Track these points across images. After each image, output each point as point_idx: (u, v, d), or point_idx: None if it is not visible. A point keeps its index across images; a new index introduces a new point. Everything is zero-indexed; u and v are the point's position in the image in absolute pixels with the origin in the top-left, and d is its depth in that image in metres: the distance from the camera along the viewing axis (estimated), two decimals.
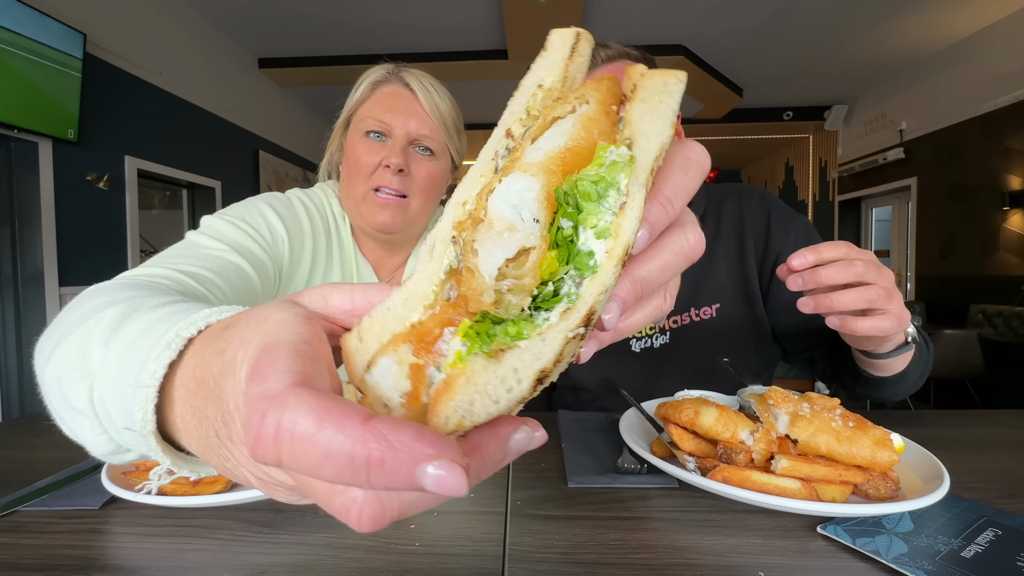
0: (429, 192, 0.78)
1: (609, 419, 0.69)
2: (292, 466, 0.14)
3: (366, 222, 0.76)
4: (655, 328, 0.87)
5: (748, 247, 0.85)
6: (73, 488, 0.50)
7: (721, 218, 0.88)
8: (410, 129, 0.74)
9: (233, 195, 4.01)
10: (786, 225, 0.85)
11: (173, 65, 3.38)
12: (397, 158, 0.72)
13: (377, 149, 0.74)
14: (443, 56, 4.42)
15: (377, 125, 0.74)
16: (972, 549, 0.37)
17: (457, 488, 0.13)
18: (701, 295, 0.86)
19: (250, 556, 0.39)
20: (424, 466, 0.13)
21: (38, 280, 2.50)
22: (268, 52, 4.34)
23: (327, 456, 0.13)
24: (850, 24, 3.97)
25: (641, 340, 0.88)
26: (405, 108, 0.74)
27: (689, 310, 0.86)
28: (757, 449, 0.46)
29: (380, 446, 0.13)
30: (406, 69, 0.77)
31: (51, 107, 2.45)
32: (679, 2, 3.65)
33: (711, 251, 0.87)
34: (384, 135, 0.74)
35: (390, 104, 0.74)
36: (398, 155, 0.73)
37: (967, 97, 4.19)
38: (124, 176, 2.96)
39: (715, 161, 8.46)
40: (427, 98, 0.75)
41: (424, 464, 0.13)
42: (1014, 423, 0.69)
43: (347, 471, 0.13)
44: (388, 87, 0.76)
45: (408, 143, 0.75)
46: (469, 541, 0.40)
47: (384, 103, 0.75)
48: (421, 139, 0.75)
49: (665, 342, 0.87)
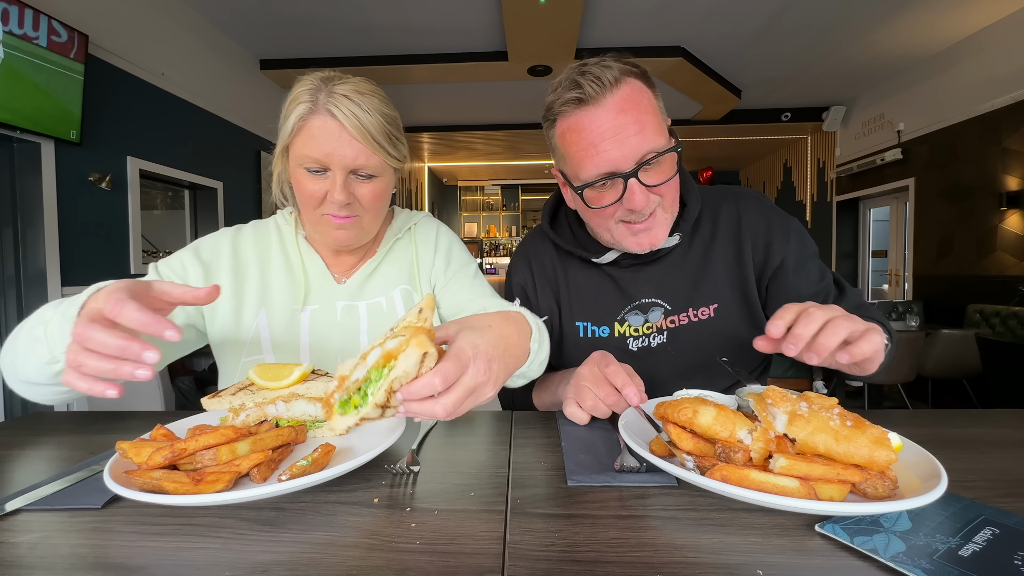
0: (378, 206, 0.82)
1: (608, 418, 0.69)
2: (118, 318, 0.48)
3: (325, 239, 0.83)
4: (652, 327, 0.88)
5: (746, 248, 0.86)
6: (75, 487, 0.50)
7: (718, 220, 0.88)
8: (346, 163, 0.75)
9: (235, 196, 4.01)
10: (785, 228, 0.86)
11: (175, 66, 3.39)
12: (340, 195, 0.75)
13: (320, 182, 0.76)
14: (443, 57, 4.43)
15: (314, 163, 0.75)
16: (970, 548, 0.37)
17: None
18: (699, 296, 0.87)
19: (252, 554, 0.39)
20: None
21: (40, 280, 2.50)
22: (270, 53, 4.35)
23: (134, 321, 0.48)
24: (848, 25, 3.98)
25: (638, 339, 0.89)
26: (336, 142, 0.73)
27: (687, 310, 0.87)
28: (755, 448, 0.46)
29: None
30: (329, 93, 0.74)
31: (53, 108, 2.45)
32: (678, 3, 3.66)
33: (708, 253, 0.87)
34: (322, 171, 0.76)
35: (321, 140, 0.73)
36: (339, 192, 0.75)
37: (965, 98, 4.20)
38: (126, 177, 2.96)
39: (714, 162, 8.49)
40: (354, 124, 0.73)
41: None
42: (1012, 422, 0.69)
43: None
44: (316, 120, 0.74)
45: (347, 174, 0.76)
46: (469, 539, 0.40)
47: (315, 139, 0.74)
48: (359, 168, 0.76)
49: (662, 341, 0.88)
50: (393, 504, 0.47)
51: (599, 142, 0.73)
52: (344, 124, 0.73)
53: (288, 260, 0.89)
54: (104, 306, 0.49)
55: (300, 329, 0.85)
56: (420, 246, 0.94)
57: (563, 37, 3.88)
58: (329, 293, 0.88)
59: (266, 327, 0.85)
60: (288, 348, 0.84)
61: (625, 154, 0.73)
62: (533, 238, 1.01)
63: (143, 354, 0.47)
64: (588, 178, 0.76)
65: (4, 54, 2.21)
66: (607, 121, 0.73)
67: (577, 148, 0.76)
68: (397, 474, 0.53)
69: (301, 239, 0.90)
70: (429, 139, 6.92)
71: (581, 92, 0.74)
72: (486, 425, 0.71)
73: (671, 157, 0.76)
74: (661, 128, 0.76)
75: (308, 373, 0.62)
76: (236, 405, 0.60)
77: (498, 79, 4.76)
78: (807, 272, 0.86)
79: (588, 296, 0.92)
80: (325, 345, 0.85)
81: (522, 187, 10.29)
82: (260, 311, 0.85)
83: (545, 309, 0.95)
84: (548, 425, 0.70)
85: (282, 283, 0.87)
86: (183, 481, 0.44)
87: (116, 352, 0.47)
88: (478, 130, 6.59)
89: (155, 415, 0.80)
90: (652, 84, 0.78)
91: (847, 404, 0.51)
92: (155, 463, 0.46)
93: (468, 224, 10.55)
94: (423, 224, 0.97)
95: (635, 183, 0.74)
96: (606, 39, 4.17)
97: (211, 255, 0.86)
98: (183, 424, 0.61)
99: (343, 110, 0.73)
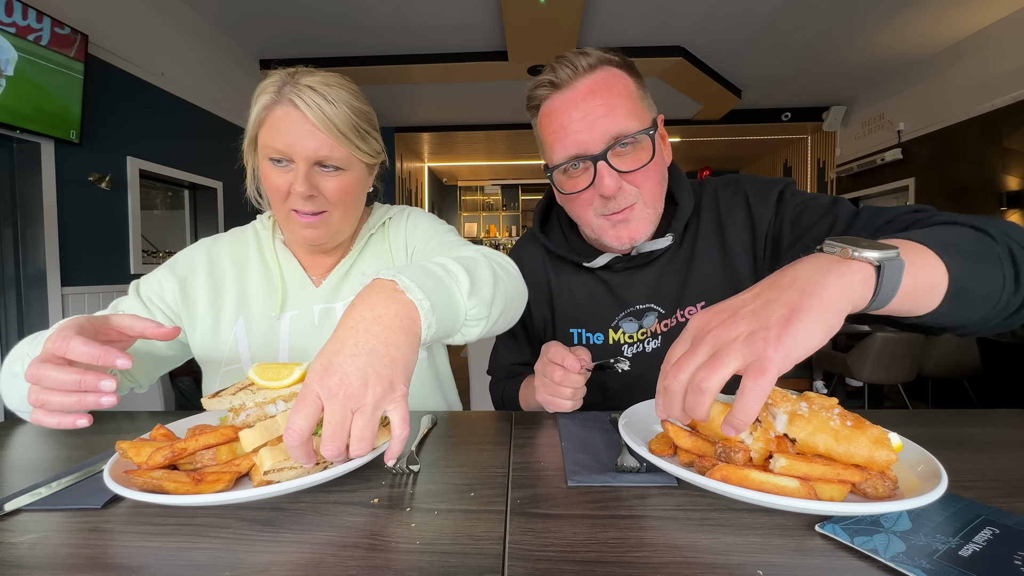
0: (347, 202, 0.79)
1: (608, 418, 0.69)
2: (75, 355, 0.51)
3: (295, 237, 0.81)
4: (647, 333, 0.87)
5: (731, 238, 0.83)
6: (75, 487, 0.50)
7: (701, 215, 0.86)
8: (308, 153, 0.73)
9: (235, 196, 4.01)
10: (764, 197, 0.80)
11: (175, 66, 3.39)
12: (301, 186, 0.73)
13: (284, 174, 0.75)
14: (443, 57, 4.43)
15: (277, 153, 0.74)
16: (970, 548, 0.37)
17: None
18: (687, 295, 0.85)
19: (252, 555, 0.39)
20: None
21: (40, 280, 2.50)
22: (270, 53, 4.35)
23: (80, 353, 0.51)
24: (848, 25, 3.98)
25: (633, 346, 0.87)
26: (299, 132, 0.72)
27: (676, 312, 0.85)
28: (755, 448, 0.46)
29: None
30: (295, 85, 0.73)
31: (54, 108, 2.45)
32: (678, 3, 3.66)
33: (692, 253, 0.85)
34: (286, 161, 0.75)
35: (284, 130, 0.73)
36: (302, 183, 0.73)
37: (965, 98, 4.20)
38: (126, 177, 2.97)
39: (714, 162, 8.49)
40: (317, 115, 0.72)
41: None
42: (1012, 422, 0.69)
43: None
44: (279, 110, 0.73)
45: (311, 166, 0.75)
46: (469, 539, 0.40)
47: (279, 129, 0.73)
48: (323, 160, 0.75)
49: (657, 346, 0.86)
50: (393, 504, 0.46)
51: (568, 124, 0.73)
52: (306, 114, 0.72)
53: (266, 265, 0.87)
54: (53, 345, 0.51)
55: (280, 336, 0.83)
56: (392, 237, 0.91)
57: (563, 37, 3.88)
58: (306, 297, 0.85)
59: (244, 336, 0.83)
60: (267, 358, 0.82)
61: (593, 136, 0.72)
62: (524, 243, 0.99)
63: (99, 384, 0.50)
64: (558, 160, 0.76)
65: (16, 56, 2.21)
66: (576, 103, 0.73)
67: (549, 131, 0.76)
68: (397, 474, 0.53)
69: (279, 243, 0.88)
70: (429, 139, 6.92)
71: (555, 76, 0.75)
72: (486, 425, 0.71)
73: (646, 144, 0.74)
74: (636, 113, 0.74)
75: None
76: (236, 405, 0.59)
77: (498, 79, 4.76)
78: (808, 215, 0.75)
79: (581, 302, 0.90)
80: (306, 353, 0.82)
81: (522, 187, 10.29)
82: (238, 320, 0.84)
83: (538, 316, 0.94)
84: (548, 425, 0.70)
85: (260, 290, 0.85)
86: (183, 481, 0.44)
87: (71, 387, 0.50)
88: (478, 130, 6.59)
89: (155, 415, 0.80)
90: (637, 75, 0.77)
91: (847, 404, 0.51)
92: (155, 463, 0.46)
93: (468, 224, 10.54)
94: (396, 215, 0.94)
95: (604, 166, 0.72)
96: (606, 39, 4.17)
97: (186, 268, 0.86)
98: (183, 424, 0.61)
99: (306, 100, 0.72)
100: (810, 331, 0.38)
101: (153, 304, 0.84)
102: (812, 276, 0.41)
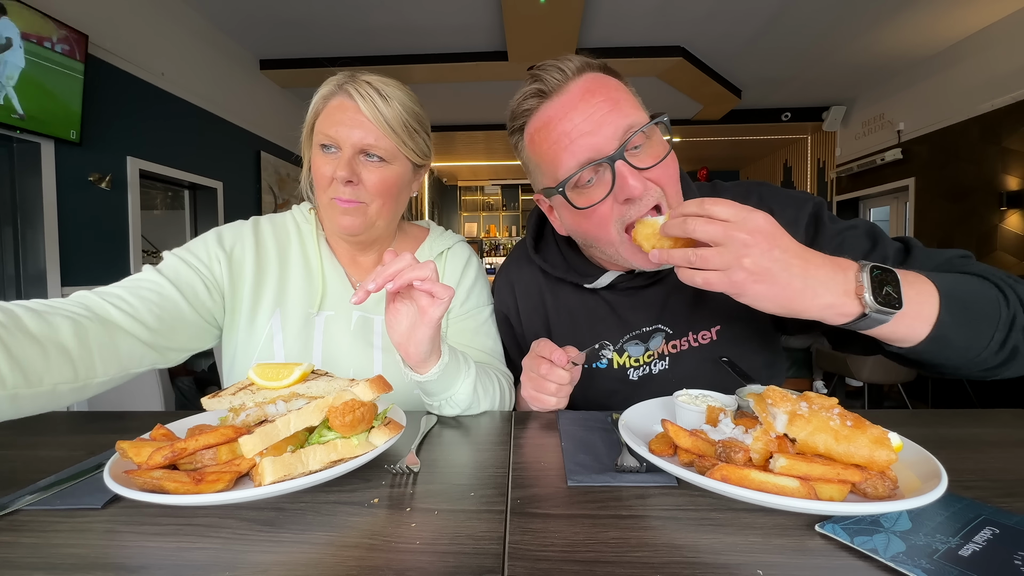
0: (385, 196, 0.80)
1: (609, 418, 0.69)
2: None
3: (333, 225, 0.81)
4: (653, 355, 0.83)
5: None
6: (75, 487, 0.50)
7: None
8: (354, 140, 0.76)
9: (235, 196, 4.01)
10: (793, 218, 0.75)
11: (175, 66, 3.39)
12: (343, 171, 0.76)
13: (331, 161, 0.77)
14: (443, 57, 4.43)
15: (327, 139, 0.77)
16: (970, 548, 0.37)
17: None
18: (699, 318, 0.80)
19: (252, 555, 0.39)
20: None
21: (40, 280, 2.50)
22: (269, 53, 4.35)
23: None
24: (848, 25, 3.98)
25: (639, 368, 0.84)
26: (350, 120, 0.76)
27: (687, 335, 0.81)
28: (755, 448, 0.46)
29: None
30: (354, 79, 0.78)
31: (54, 108, 2.45)
32: (678, 3, 3.66)
33: None
34: (335, 148, 0.77)
35: (337, 118, 0.77)
36: (344, 168, 0.76)
37: (965, 98, 4.20)
38: (126, 177, 2.97)
39: (714, 162, 8.49)
40: (369, 107, 0.76)
41: None
42: (1011, 422, 0.69)
43: None
44: (335, 100, 0.78)
45: (356, 154, 0.77)
46: (469, 539, 0.40)
47: (332, 117, 0.77)
48: (367, 148, 0.77)
49: (664, 368, 0.83)
50: (393, 504, 0.46)
51: (570, 129, 0.66)
52: (359, 105, 0.76)
53: (307, 261, 0.86)
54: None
55: (314, 333, 0.82)
56: (447, 273, 0.91)
57: (563, 37, 3.88)
58: (346, 301, 0.84)
59: (279, 330, 0.81)
60: (300, 356, 0.81)
61: (604, 135, 0.64)
62: (517, 260, 0.93)
63: None
64: (568, 171, 0.66)
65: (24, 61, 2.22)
66: (575, 105, 0.66)
67: (549, 144, 0.68)
68: (397, 474, 0.53)
69: (323, 242, 0.87)
70: None
71: (542, 85, 0.69)
72: (486, 425, 0.71)
73: (659, 137, 0.68)
74: (638, 105, 0.69)
75: (308, 373, 0.62)
76: (236, 405, 0.59)
77: (498, 79, 4.76)
78: (850, 249, 0.70)
79: (581, 324, 0.85)
80: (337, 356, 0.81)
81: (522, 187, 10.29)
82: (275, 311, 0.82)
83: (532, 337, 0.84)
84: (548, 425, 0.70)
85: (299, 284, 0.84)
86: (183, 481, 0.44)
87: None
88: (478, 130, 6.59)
89: (155, 415, 0.80)
90: (621, 78, 0.72)
91: (847, 404, 0.51)
92: (155, 463, 0.46)
93: (468, 224, 10.55)
94: (457, 250, 0.94)
95: (623, 166, 0.64)
96: (606, 39, 4.17)
97: (234, 244, 0.82)
98: (183, 424, 0.61)
99: (361, 92, 0.76)
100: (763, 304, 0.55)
101: (196, 270, 0.77)
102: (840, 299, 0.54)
